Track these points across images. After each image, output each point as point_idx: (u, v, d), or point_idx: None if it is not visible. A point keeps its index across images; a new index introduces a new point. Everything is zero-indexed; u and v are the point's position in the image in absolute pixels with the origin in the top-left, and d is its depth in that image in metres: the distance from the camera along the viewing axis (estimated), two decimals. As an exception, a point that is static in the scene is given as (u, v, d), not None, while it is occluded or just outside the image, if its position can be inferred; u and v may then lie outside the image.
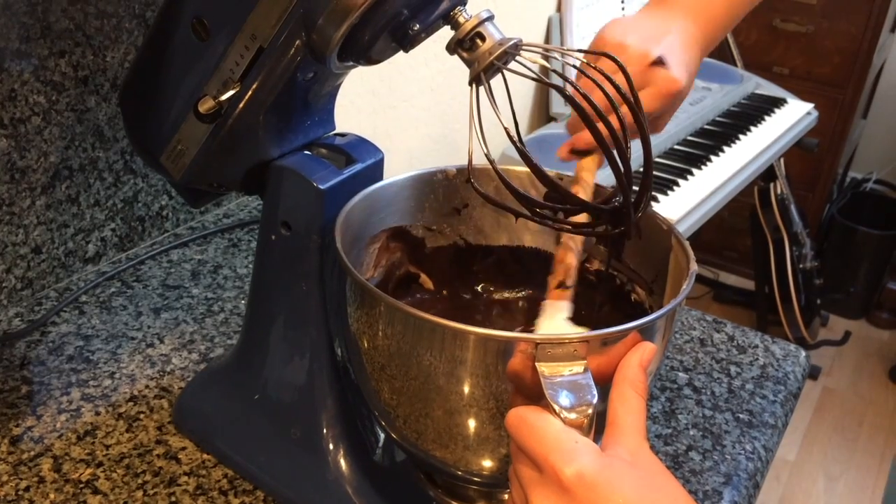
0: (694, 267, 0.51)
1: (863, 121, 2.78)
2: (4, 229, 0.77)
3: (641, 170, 0.52)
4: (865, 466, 2.16)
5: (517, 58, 0.50)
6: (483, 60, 0.49)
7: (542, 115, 1.70)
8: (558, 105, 1.65)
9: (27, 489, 0.61)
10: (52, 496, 0.60)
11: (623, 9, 1.74)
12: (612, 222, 0.53)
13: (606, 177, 0.54)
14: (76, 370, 0.73)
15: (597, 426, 0.42)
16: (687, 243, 0.53)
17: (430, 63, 1.33)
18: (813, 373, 2.43)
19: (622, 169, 0.50)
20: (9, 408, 0.68)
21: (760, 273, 2.35)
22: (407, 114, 1.35)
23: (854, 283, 2.62)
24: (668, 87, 0.60)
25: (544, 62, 0.49)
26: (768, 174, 2.15)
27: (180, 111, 0.56)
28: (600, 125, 0.48)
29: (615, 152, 0.50)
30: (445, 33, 0.52)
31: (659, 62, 0.60)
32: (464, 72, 0.51)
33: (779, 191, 2.20)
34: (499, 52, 0.49)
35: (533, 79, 0.49)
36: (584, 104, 0.48)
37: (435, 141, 1.44)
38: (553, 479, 0.39)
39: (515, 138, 0.49)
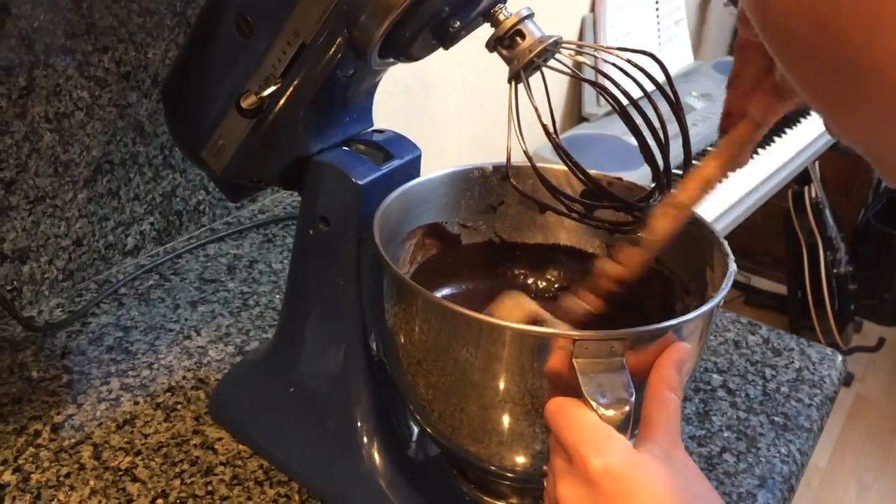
0: (733, 267, 0.51)
1: (900, 124, 2.73)
2: (47, 221, 0.79)
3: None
4: (899, 475, 2.12)
5: (556, 56, 0.50)
6: (523, 58, 0.49)
7: (575, 115, 1.69)
8: (591, 105, 1.65)
9: (68, 475, 0.62)
10: (92, 483, 0.61)
11: (657, 9, 1.73)
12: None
13: (641, 176, 0.53)
14: (115, 360, 0.74)
15: (633, 424, 0.42)
16: (726, 243, 0.53)
17: (463, 63, 1.34)
18: (846, 379, 2.39)
19: (661, 165, 0.49)
20: (50, 396, 0.69)
21: (793, 278, 2.32)
22: (441, 112, 1.35)
23: (889, 289, 2.57)
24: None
25: (584, 59, 0.50)
26: (803, 178, 2.13)
27: (222, 106, 0.57)
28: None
29: (658, 152, 0.49)
30: (481, 33, 0.52)
31: None
32: (497, 71, 0.51)
33: (813, 195, 2.17)
34: (539, 49, 0.49)
35: (573, 76, 0.49)
36: (622, 98, 0.48)
37: (468, 140, 1.45)
38: (581, 471, 0.39)
39: (553, 135, 0.49)
